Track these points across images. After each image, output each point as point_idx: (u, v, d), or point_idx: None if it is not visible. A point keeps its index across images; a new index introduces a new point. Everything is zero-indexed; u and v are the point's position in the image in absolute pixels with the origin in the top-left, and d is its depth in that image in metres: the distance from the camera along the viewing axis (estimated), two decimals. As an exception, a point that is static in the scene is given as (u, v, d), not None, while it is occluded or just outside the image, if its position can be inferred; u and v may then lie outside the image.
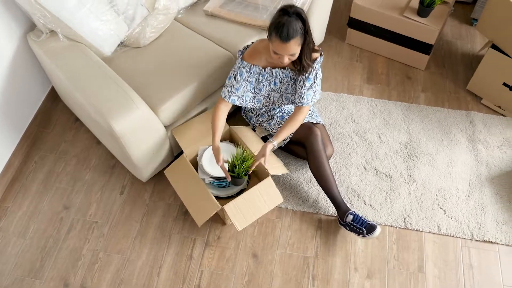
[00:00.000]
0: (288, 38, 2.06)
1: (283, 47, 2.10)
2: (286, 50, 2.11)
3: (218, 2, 2.92)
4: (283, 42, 2.08)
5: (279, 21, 2.07)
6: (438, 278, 2.35)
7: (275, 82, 2.42)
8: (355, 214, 2.38)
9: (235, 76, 2.37)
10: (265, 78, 2.41)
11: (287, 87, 2.45)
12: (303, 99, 2.35)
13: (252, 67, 2.36)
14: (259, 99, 2.50)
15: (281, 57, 2.16)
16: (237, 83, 2.37)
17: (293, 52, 2.13)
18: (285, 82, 2.42)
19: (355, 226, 2.37)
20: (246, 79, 2.37)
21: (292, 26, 2.05)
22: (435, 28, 3.01)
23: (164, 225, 2.54)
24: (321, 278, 2.35)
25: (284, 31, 2.05)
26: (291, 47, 2.10)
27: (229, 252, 2.44)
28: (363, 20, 3.26)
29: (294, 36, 2.07)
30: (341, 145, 2.85)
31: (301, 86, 2.35)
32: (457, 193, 2.64)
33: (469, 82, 3.13)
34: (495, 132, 2.93)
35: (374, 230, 2.30)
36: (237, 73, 2.37)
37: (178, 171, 2.52)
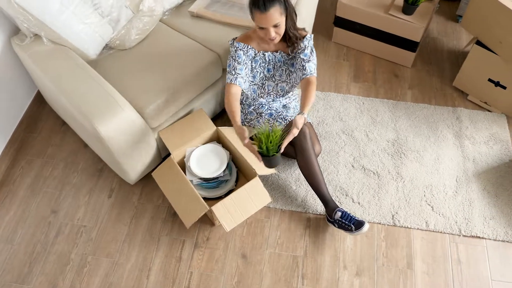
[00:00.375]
0: (266, 7, 2.08)
1: (264, 18, 2.11)
2: (268, 21, 2.12)
3: (203, 3, 2.92)
4: (263, 12, 2.09)
5: None
6: (427, 274, 2.36)
7: (268, 68, 2.43)
8: (343, 211, 2.39)
9: (234, 60, 2.36)
10: (258, 64, 2.42)
11: (281, 73, 2.45)
12: (306, 70, 2.34)
13: (248, 48, 2.37)
14: (253, 89, 2.51)
15: (267, 31, 2.17)
16: (238, 64, 2.35)
17: (275, 22, 2.14)
18: (278, 67, 2.43)
19: (343, 223, 2.37)
20: (244, 61, 2.37)
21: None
22: (420, 26, 3.03)
23: (153, 227, 2.53)
24: (310, 276, 2.36)
25: (261, 2, 2.08)
26: (272, 16, 2.11)
27: (218, 253, 2.44)
28: (349, 19, 3.27)
29: (272, 4, 2.09)
30: (329, 143, 2.86)
31: (300, 61, 2.36)
32: (444, 189, 2.65)
33: (455, 79, 3.15)
34: (481, 128, 2.95)
35: (363, 226, 2.31)
36: (235, 56, 2.36)
37: (165, 173, 2.51)
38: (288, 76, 2.48)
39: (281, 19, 2.17)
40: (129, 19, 2.66)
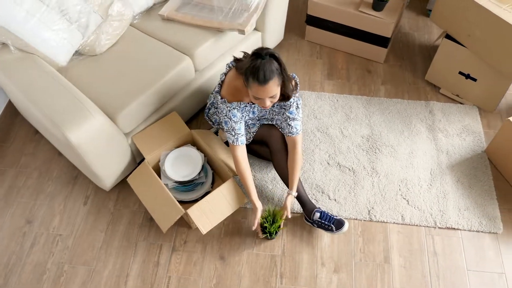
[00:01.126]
0: (266, 81, 2.02)
1: (262, 90, 2.05)
2: (265, 93, 2.07)
3: (173, 6, 2.91)
4: (262, 85, 2.03)
5: (253, 65, 2.03)
6: (404, 267, 2.38)
7: (254, 111, 2.40)
8: (322, 211, 2.40)
9: (230, 119, 2.30)
10: (245, 110, 2.38)
11: (264, 114, 2.45)
12: (292, 129, 2.35)
13: (241, 104, 2.32)
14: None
15: (262, 101, 2.12)
16: (236, 123, 2.31)
17: (273, 94, 2.09)
18: (262, 110, 2.42)
19: (323, 223, 2.38)
20: (240, 117, 2.32)
21: (268, 67, 2.01)
22: (390, 21, 3.05)
23: (130, 232, 2.52)
24: (289, 275, 2.36)
25: (261, 75, 2.01)
26: (270, 88, 2.05)
27: (196, 256, 2.43)
28: (320, 17, 3.29)
29: (271, 78, 2.03)
30: (304, 142, 2.87)
31: (286, 118, 2.35)
32: (419, 183, 2.68)
33: (427, 73, 3.18)
34: (454, 120, 2.98)
35: (343, 225, 2.34)
36: (230, 116, 2.29)
37: (141, 178, 2.50)
38: (271, 115, 2.47)
39: (277, 90, 2.11)
40: (98, 24, 2.63)
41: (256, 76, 2.02)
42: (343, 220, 2.35)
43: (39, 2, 2.39)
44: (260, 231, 2.40)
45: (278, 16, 3.10)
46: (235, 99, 2.30)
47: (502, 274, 2.36)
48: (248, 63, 2.07)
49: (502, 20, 2.53)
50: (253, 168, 2.74)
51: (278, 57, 2.07)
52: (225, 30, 2.73)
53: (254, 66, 2.02)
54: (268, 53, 2.05)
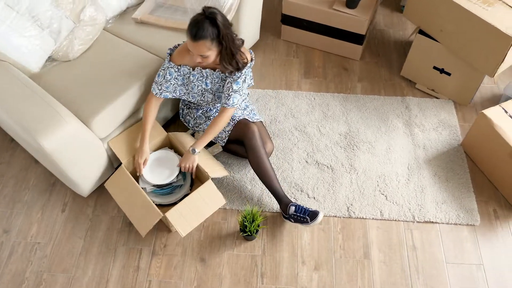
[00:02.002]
0: (196, 38, 2.10)
1: (192, 45, 2.15)
2: (194, 49, 2.15)
3: (147, 9, 2.89)
4: (192, 41, 2.12)
5: (195, 19, 2.11)
6: (384, 262, 2.40)
7: (206, 82, 2.43)
8: (297, 204, 2.40)
9: (164, 75, 2.39)
10: (196, 78, 2.42)
11: (218, 88, 2.45)
12: (229, 100, 2.38)
13: (181, 68, 2.37)
14: (193, 95, 2.51)
15: (194, 55, 2.20)
16: (166, 81, 2.40)
17: (202, 54, 2.16)
18: (216, 83, 2.43)
19: (298, 216, 2.39)
20: (175, 77, 2.40)
21: (202, 27, 2.09)
22: (364, 19, 3.07)
23: (109, 238, 2.50)
24: (269, 275, 2.36)
25: (193, 30, 2.10)
26: (199, 47, 2.13)
27: (177, 259, 2.42)
28: (295, 16, 3.29)
29: (202, 38, 2.10)
30: (282, 141, 2.87)
31: (229, 88, 2.37)
32: (397, 178, 2.70)
33: (402, 68, 3.21)
34: (430, 115, 3.01)
35: (317, 215, 2.34)
36: (166, 72, 2.39)
37: (118, 182, 2.48)
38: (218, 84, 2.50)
39: (209, 53, 2.18)
40: (70, 29, 2.61)
41: (190, 30, 2.12)
42: (317, 211, 2.36)
43: (8, 9, 2.37)
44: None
45: (252, 17, 3.10)
46: (182, 60, 2.37)
47: (480, 265, 2.39)
48: (195, 15, 2.14)
49: (472, 14, 2.56)
50: (232, 168, 2.74)
51: (219, 23, 2.11)
52: (199, 31, 2.73)
53: (193, 20, 2.11)
54: (211, 14, 2.10)
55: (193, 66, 2.38)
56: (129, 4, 2.95)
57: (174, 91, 2.47)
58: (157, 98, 2.47)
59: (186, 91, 2.48)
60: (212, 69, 2.39)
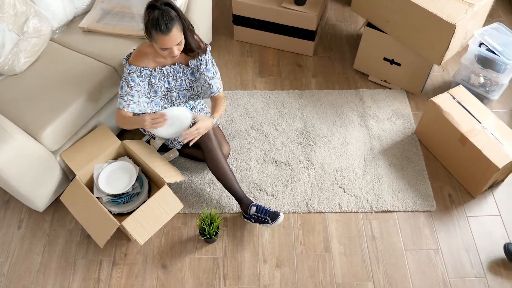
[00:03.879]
0: (169, 29, 2.08)
1: (168, 40, 2.11)
2: (171, 41, 2.13)
3: (94, 17, 2.86)
4: (166, 35, 2.09)
5: (152, 17, 2.08)
6: (344, 254, 2.42)
7: (169, 81, 2.41)
8: (258, 205, 2.41)
9: (127, 83, 2.33)
10: (157, 79, 2.39)
11: (181, 83, 2.44)
12: (213, 88, 2.42)
13: (142, 70, 2.34)
14: (156, 102, 2.46)
15: (170, 50, 2.18)
16: (131, 89, 2.33)
17: (178, 41, 2.16)
18: (178, 78, 2.42)
19: (259, 216, 2.40)
20: (138, 83, 2.34)
21: (167, 16, 2.08)
22: (313, 15, 3.10)
23: (68, 252, 2.46)
24: (232, 276, 2.36)
25: (162, 24, 2.07)
26: (174, 36, 2.12)
27: (138, 267, 2.40)
28: (246, 16, 3.30)
29: (173, 25, 2.10)
30: (239, 141, 2.87)
31: (205, 79, 2.39)
32: (354, 170, 2.73)
33: (355, 61, 3.25)
34: (383, 106, 3.05)
35: (278, 217, 2.36)
36: (128, 79, 2.33)
37: (74, 195, 2.45)
38: (189, 85, 2.47)
39: (181, 36, 2.18)
40: (15, 42, 2.56)
41: (158, 26, 2.08)
42: (278, 212, 2.38)
43: None
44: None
45: (202, 19, 3.09)
46: (141, 63, 2.33)
47: (438, 250, 2.43)
48: (146, 16, 2.11)
49: (415, 4, 2.61)
50: (190, 172, 2.73)
51: (174, 5, 2.13)
52: (147, 37, 2.71)
53: (153, 18, 2.08)
54: (163, 2, 2.10)
55: (153, 67, 2.36)
56: (75, 13, 2.91)
57: (139, 102, 2.38)
58: (125, 113, 2.37)
59: (149, 99, 2.43)
60: (172, 65, 2.38)
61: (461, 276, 2.35)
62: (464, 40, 2.81)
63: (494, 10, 3.65)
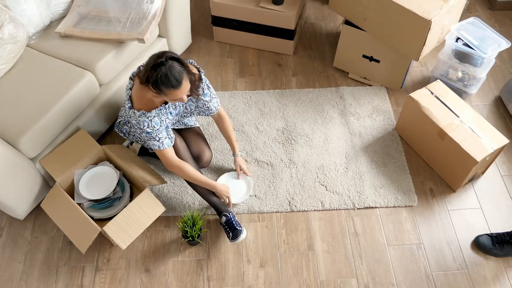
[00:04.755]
0: (179, 83, 2.06)
1: (179, 92, 2.09)
2: (182, 93, 2.11)
3: (70, 22, 2.83)
4: (177, 89, 2.07)
5: (161, 75, 2.03)
6: (328, 252, 2.43)
7: (170, 111, 2.38)
8: (229, 217, 2.41)
9: (153, 128, 2.27)
10: (163, 113, 2.34)
11: (179, 110, 2.43)
12: (212, 108, 2.46)
13: (159, 111, 2.30)
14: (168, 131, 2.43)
15: (180, 99, 2.15)
16: (158, 131, 2.29)
17: (187, 90, 2.15)
18: (176, 107, 2.40)
19: (225, 228, 2.41)
20: (160, 124, 2.31)
21: (175, 71, 2.04)
22: (291, 14, 3.10)
23: (50, 259, 2.44)
24: (216, 277, 2.36)
25: (172, 80, 2.04)
26: (185, 87, 2.10)
27: (121, 272, 2.39)
28: (225, 16, 3.30)
29: (182, 78, 2.07)
30: (221, 142, 2.87)
31: (203, 103, 2.42)
32: (335, 168, 2.74)
33: (334, 59, 3.26)
34: (364, 103, 3.07)
35: (238, 236, 2.34)
36: (153, 125, 2.27)
37: (54, 201, 2.43)
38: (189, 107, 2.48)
39: (189, 84, 2.16)
40: (-10, 49, 2.54)
41: (169, 83, 2.05)
42: (241, 230, 2.35)
43: None
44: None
45: (181, 21, 3.09)
46: (151, 108, 2.29)
47: (420, 244, 2.45)
48: (153, 75, 2.05)
49: (391, 1, 2.63)
50: (172, 175, 2.72)
51: (178, 57, 2.11)
52: (125, 40, 2.70)
53: (162, 75, 2.03)
54: (168, 57, 2.07)
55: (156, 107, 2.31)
56: (52, 18, 2.88)
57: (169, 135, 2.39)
58: (169, 150, 2.34)
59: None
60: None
61: (444, 270, 2.37)
62: (441, 35, 2.83)
63: (471, 4, 3.68)
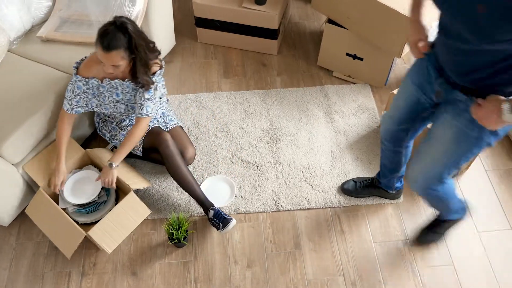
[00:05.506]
0: (109, 49, 2.05)
1: (105, 57, 2.08)
2: (107, 60, 2.10)
3: (52, 26, 2.82)
4: (104, 52, 2.06)
5: (104, 29, 2.05)
6: (314, 250, 2.44)
7: (117, 93, 2.39)
8: (216, 210, 2.41)
9: (72, 90, 2.34)
10: (106, 90, 2.37)
11: (130, 98, 2.42)
12: (142, 110, 2.34)
13: (89, 81, 2.33)
14: (105, 107, 2.46)
15: (105, 65, 2.14)
16: (76, 96, 2.35)
17: (115, 64, 2.11)
18: (127, 93, 2.39)
19: (214, 220, 2.40)
20: (84, 91, 2.35)
21: (115, 37, 2.05)
22: (274, 13, 3.10)
23: (36, 265, 2.42)
24: (203, 279, 2.36)
25: (105, 41, 2.04)
26: (113, 58, 2.08)
27: (107, 276, 2.38)
28: (208, 18, 3.29)
29: (115, 48, 2.05)
30: (206, 143, 2.87)
31: (141, 97, 2.34)
32: (321, 166, 2.75)
33: (318, 58, 3.27)
34: (348, 101, 3.08)
35: (228, 223, 2.36)
36: (74, 86, 2.34)
37: (39, 207, 2.41)
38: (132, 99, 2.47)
39: (122, 62, 2.13)
40: (-30, 55, 2.52)
41: (102, 41, 2.06)
42: (230, 218, 2.37)
43: None
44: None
45: (164, 23, 3.08)
46: (90, 73, 2.32)
47: (406, 240, 2.46)
48: (103, 25, 2.08)
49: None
50: (157, 177, 2.71)
51: (131, 32, 2.08)
52: (107, 43, 2.68)
53: (105, 31, 2.05)
54: (122, 23, 2.07)
55: (102, 78, 2.33)
56: (33, 22, 2.87)
57: (86, 104, 2.42)
58: (69, 115, 2.40)
59: (98, 102, 2.43)
60: (121, 79, 2.35)
61: (430, 265, 2.38)
62: (423, 32, 2.84)
63: (453, 1, 3.70)
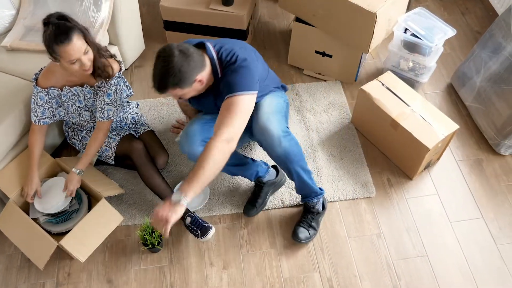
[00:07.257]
0: (69, 38, 2.01)
1: (71, 49, 2.02)
2: (75, 50, 2.04)
3: (16, 34, 2.78)
4: (67, 44, 2.01)
5: (49, 33, 2.01)
6: (289, 248, 2.44)
7: (80, 100, 2.38)
8: (193, 216, 2.40)
9: (36, 102, 2.34)
10: (68, 98, 2.36)
11: (93, 104, 2.40)
12: (103, 113, 2.34)
13: (49, 90, 2.32)
14: (72, 116, 2.45)
15: (80, 61, 2.09)
16: (40, 107, 2.35)
17: (83, 49, 2.07)
18: (89, 99, 2.38)
19: (192, 228, 2.40)
20: (47, 101, 2.35)
21: (63, 26, 2.01)
22: (241, 14, 3.10)
23: (8, 278, 2.39)
24: (179, 283, 2.35)
25: (62, 36, 2.00)
26: (77, 44, 2.03)
27: (82, 285, 2.35)
28: (176, 20, 3.28)
29: (73, 33, 2.02)
30: (176, 147, 2.85)
31: (101, 101, 2.32)
32: (294, 164, 2.75)
33: (288, 57, 3.28)
34: (319, 98, 3.09)
35: (208, 232, 2.36)
36: (37, 98, 2.33)
37: (9, 219, 2.38)
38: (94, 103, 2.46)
39: (85, 46, 2.09)
40: None
41: (58, 39, 2.00)
42: (209, 226, 2.38)
43: None
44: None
45: (131, 27, 3.06)
46: (49, 82, 2.32)
47: (380, 234, 2.48)
48: (44, 35, 2.04)
49: (336, -4, 2.66)
50: (131, 182, 2.69)
51: (70, 17, 2.07)
52: (73, 50, 2.66)
53: (51, 33, 2.01)
54: (58, 15, 2.05)
55: (61, 86, 2.32)
56: (-3, 32, 2.83)
57: (53, 115, 2.41)
58: (38, 126, 2.40)
59: (65, 111, 2.42)
60: (81, 86, 2.33)
61: (404, 257, 2.40)
62: (389, 27, 2.87)
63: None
